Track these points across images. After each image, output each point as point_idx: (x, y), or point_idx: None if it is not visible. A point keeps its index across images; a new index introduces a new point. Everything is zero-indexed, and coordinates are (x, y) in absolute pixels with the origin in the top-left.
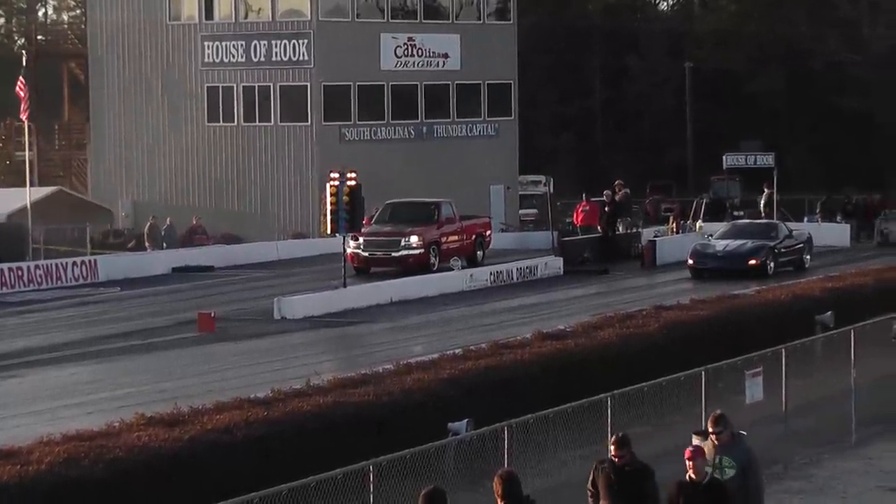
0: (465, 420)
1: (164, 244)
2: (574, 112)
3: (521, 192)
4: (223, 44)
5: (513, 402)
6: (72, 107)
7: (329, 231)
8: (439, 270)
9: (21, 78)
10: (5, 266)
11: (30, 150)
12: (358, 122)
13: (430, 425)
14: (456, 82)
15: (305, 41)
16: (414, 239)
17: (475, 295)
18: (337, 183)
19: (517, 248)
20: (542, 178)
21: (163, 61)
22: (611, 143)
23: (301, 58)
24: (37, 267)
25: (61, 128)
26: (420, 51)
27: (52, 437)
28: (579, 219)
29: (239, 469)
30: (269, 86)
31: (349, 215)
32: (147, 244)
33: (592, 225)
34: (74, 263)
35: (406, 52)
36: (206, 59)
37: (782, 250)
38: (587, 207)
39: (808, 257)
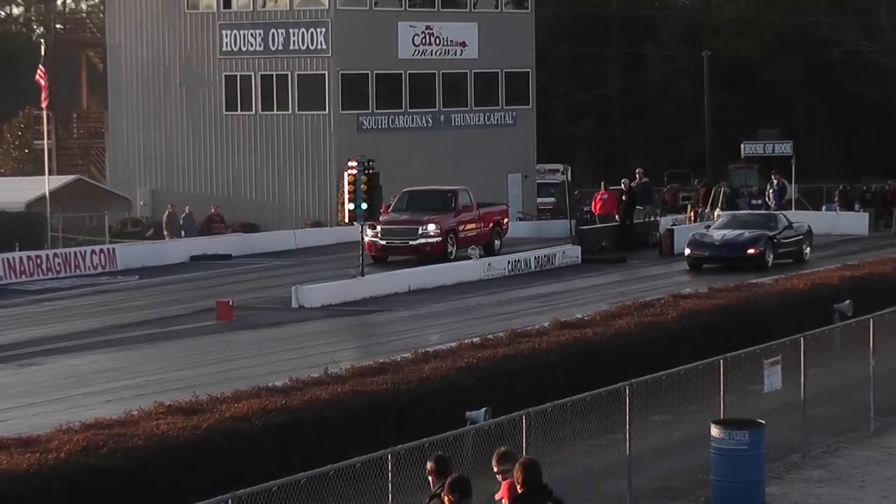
0: (483, 409)
1: (182, 233)
2: (592, 100)
3: (538, 181)
4: (241, 32)
5: (531, 391)
6: (90, 95)
7: (346, 220)
8: (457, 259)
9: (40, 66)
10: (24, 254)
11: (48, 138)
12: (376, 111)
13: (448, 414)
14: (474, 71)
15: (323, 30)
16: (431, 227)
17: (493, 283)
18: (355, 171)
19: (535, 236)
20: (560, 166)
21: (181, 50)
22: (628, 132)
23: (319, 46)
24: (55, 255)
25: (80, 116)
26: (438, 39)
27: (70, 425)
28: (597, 207)
29: (257, 457)
30: (287, 74)
31: (367, 204)
32: (165, 233)
33: (610, 213)
34: (93, 252)
35: (424, 41)
36: (223, 48)
37: (782, 241)
38: (605, 196)
39: (808, 249)
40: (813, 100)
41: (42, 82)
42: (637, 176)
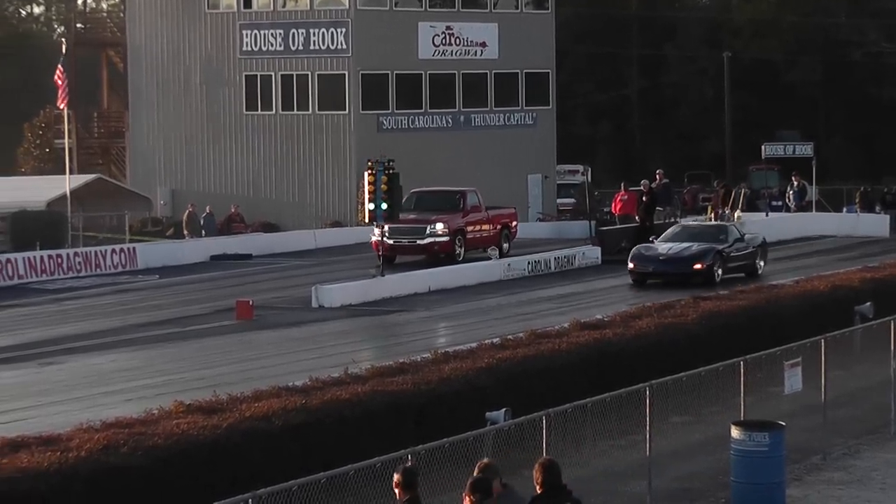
0: (503, 409)
1: (203, 232)
2: (611, 101)
3: (558, 182)
4: (261, 32)
5: (550, 392)
6: (111, 95)
7: (366, 220)
8: (477, 259)
9: (60, 66)
10: (45, 253)
11: (69, 137)
12: (396, 111)
13: (467, 414)
14: (494, 71)
15: (343, 30)
16: (439, 226)
17: (513, 284)
18: (375, 171)
19: (555, 237)
20: (580, 167)
21: (201, 50)
22: (648, 133)
23: (339, 46)
24: (76, 254)
25: (100, 116)
26: (458, 39)
27: (91, 423)
28: (617, 208)
29: (277, 457)
30: (308, 74)
31: (387, 204)
32: (185, 232)
33: (630, 214)
34: (113, 251)
35: (444, 41)
36: (244, 48)
37: (732, 255)
38: (625, 197)
39: (763, 263)
40: (833, 101)
41: (60, 82)
42: (657, 177)
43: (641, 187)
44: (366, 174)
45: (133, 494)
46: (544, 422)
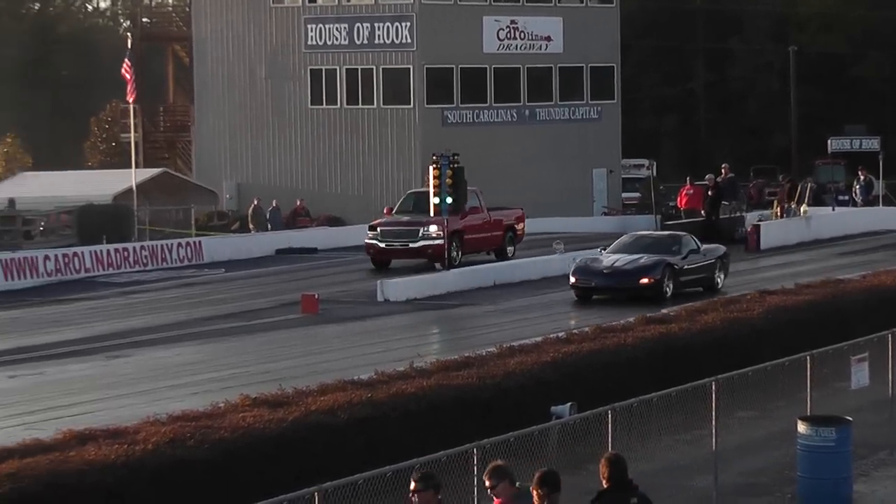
0: (569, 403)
1: (268, 226)
2: (677, 95)
3: (623, 176)
4: (326, 26)
5: (616, 386)
6: (176, 89)
7: (431, 214)
8: (543, 253)
9: (126, 60)
10: (111, 247)
11: (135, 131)
12: (460, 105)
13: (532, 408)
14: (558, 65)
15: (408, 24)
16: (433, 228)
17: None
18: (439, 166)
19: (620, 231)
20: (645, 161)
21: (266, 44)
22: (714, 127)
23: (404, 40)
24: (142, 248)
25: (166, 110)
26: (522, 34)
27: (157, 417)
28: (683, 202)
29: (342, 450)
30: (372, 68)
31: (452, 198)
32: (251, 226)
33: (696, 208)
34: (179, 245)
35: (509, 35)
36: (309, 42)
37: (685, 268)
38: (691, 191)
39: (723, 276)
40: None
41: (127, 76)
42: (723, 171)
43: (707, 181)
44: (430, 168)
45: (199, 488)
46: (609, 416)
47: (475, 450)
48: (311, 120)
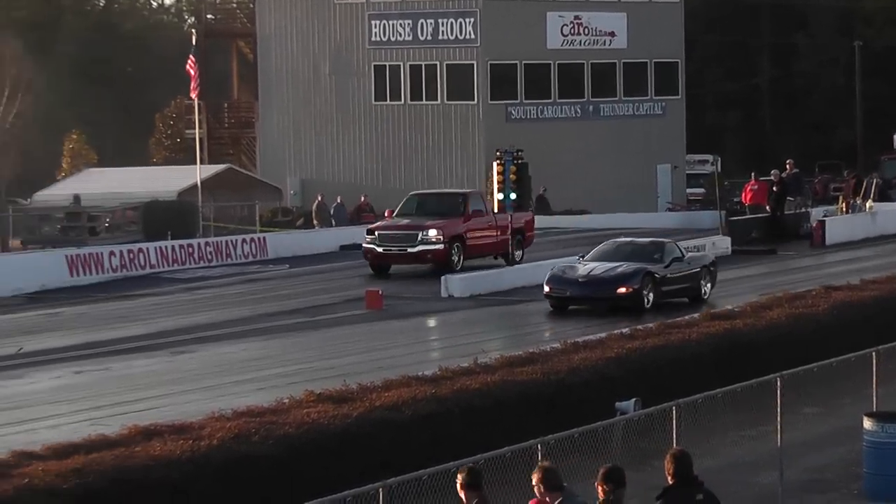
0: (633, 399)
1: (333, 222)
2: (741, 90)
3: (688, 171)
4: (390, 22)
5: (680, 382)
6: (241, 85)
7: (496, 210)
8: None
9: (191, 56)
10: (176, 243)
11: (200, 128)
12: (524, 101)
13: (597, 404)
14: (622, 61)
15: (472, 19)
16: (432, 233)
17: None
18: (503, 161)
19: (684, 227)
20: (710, 157)
21: (330, 40)
22: (778, 122)
23: (468, 36)
24: (207, 244)
25: (230, 106)
26: (586, 29)
27: (222, 412)
28: (747, 198)
29: (407, 446)
30: (436, 64)
31: (516, 194)
32: (315, 222)
33: (761, 204)
34: (244, 241)
35: (572, 31)
36: (373, 38)
37: (667, 277)
38: (755, 186)
39: (710, 286)
40: None
41: (192, 72)
42: (787, 166)
43: (772, 177)
44: (494, 164)
45: (263, 483)
46: (674, 412)
47: (539, 445)
48: (375, 116)
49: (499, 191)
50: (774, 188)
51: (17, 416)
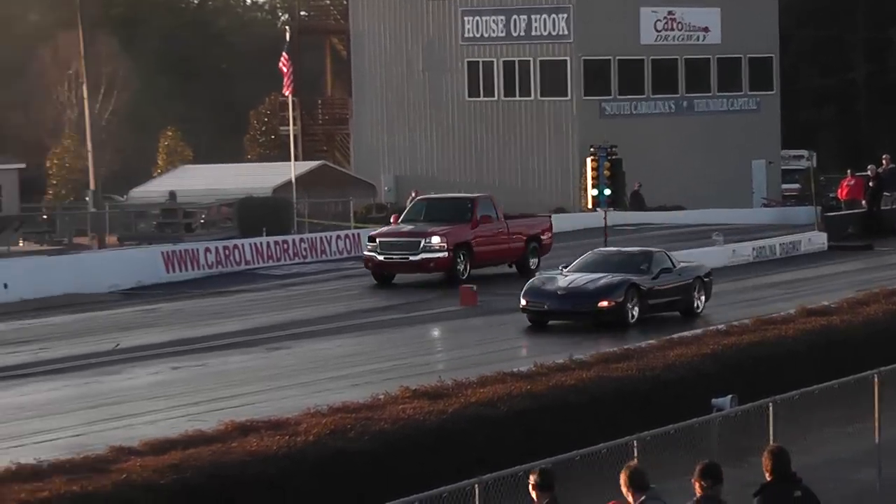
0: (729, 396)
1: None
2: (836, 85)
3: (783, 167)
4: (483, 19)
5: (776, 379)
6: (334, 81)
7: (590, 206)
8: (702, 245)
9: (284, 53)
10: (271, 239)
11: (294, 124)
12: (618, 97)
13: (692, 401)
14: (716, 56)
15: (565, 15)
16: (435, 240)
17: (737, 270)
18: (597, 157)
19: (779, 222)
20: (805, 152)
21: (423, 36)
22: (874, 117)
23: (561, 32)
24: (302, 240)
25: (324, 103)
26: (680, 24)
27: (318, 408)
28: (844, 193)
29: (502, 442)
30: (529, 60)
31: (610, 190)
32: None
33: (857, 199)
34: (338, 237)
35: (666, 26)
36: (466, 34)
37: (655, 289)
38: (852, 182)
39: (704, 299)
40: None
41: (285, 70)
42: (884, 162)
43: (868, 172)
44: (588, 160)
45: (359, 479)
46: (770, 409)
47: (635, 442)
48: (469, 112)
49: (593, 187)
50: (871, 183)
51: (114, 412)
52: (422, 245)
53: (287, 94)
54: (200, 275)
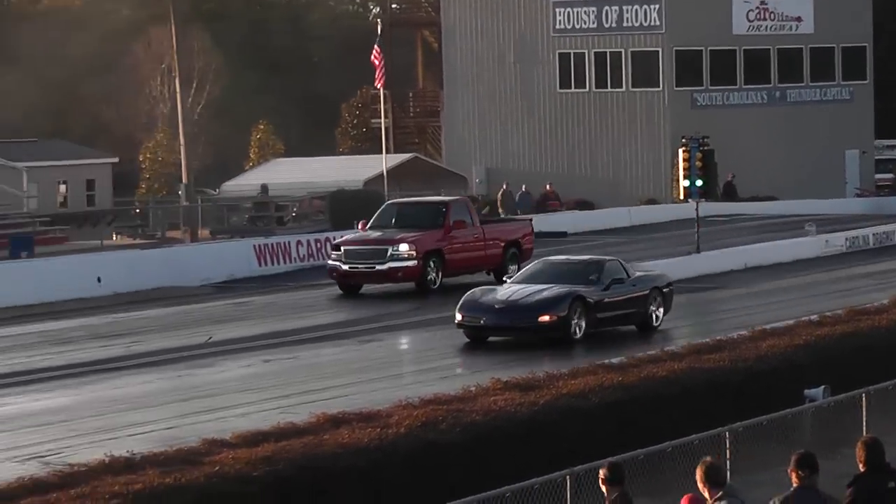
0: (822, 387)
1: (518, 210)
2: None
3: (876, 157)
4: (574, 10)
5: (870, 369)
6: (426, 74)
7: (682, 197)
8: (794, 235)
9: (376, 46)
10: None
11: (385, 117)
12: (710, 88)
13: (785, 392)
14: (809, 46)
15: (657, 6)
16: (404, 247)
17: (830, 260)
18: (689, 148)
19: (873, 212)
20: None
21: (514, 28)
22: None
23: (652, 23)
24: None
25: (416, 95)
26: (772, 14)
27: (409, 400)
28: None
29: (593, 434)
30: (621, 52)
31: (702, 181)
32: (500, 210)
33: None
34: None
35: (758, 16)
36: (557, 26)
37: (605, 302)
38: None
39: (662, 312)
40: None
41: (376, 62)
42: None
43: None
44: (680, 151)
45: (450, 471)
46: (864, 399)
47: (727, 433)
48: (560, 104)
49: (684, 178)
50: None
51: (207, 405)
52: (389, 253)
53: (379, 86)
54: (292, 268)
